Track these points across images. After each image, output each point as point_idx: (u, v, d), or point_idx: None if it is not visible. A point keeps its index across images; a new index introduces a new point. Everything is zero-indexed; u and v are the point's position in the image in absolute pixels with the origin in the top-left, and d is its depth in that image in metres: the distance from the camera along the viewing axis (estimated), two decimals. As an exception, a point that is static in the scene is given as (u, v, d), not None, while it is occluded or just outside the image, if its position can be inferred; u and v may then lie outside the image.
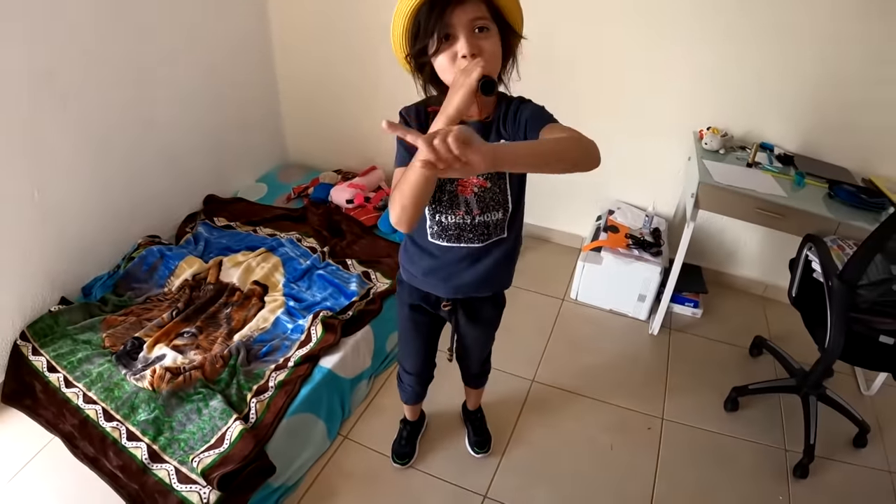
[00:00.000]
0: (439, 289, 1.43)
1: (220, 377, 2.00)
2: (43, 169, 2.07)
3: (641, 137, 2.69)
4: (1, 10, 1.82)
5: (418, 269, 1.41)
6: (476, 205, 1.26)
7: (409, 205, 1.07)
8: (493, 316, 1.59)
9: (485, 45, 1.09)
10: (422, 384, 1.79)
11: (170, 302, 2.32)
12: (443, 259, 1.35)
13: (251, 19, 2.96)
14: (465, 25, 1.07)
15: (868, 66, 2.25)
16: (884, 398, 2.31)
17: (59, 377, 2.00)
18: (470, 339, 1.64)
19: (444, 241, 1.31)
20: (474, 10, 1.08)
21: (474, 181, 1.24)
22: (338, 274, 2.47)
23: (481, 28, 1.09)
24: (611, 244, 2.60)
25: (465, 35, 1.07)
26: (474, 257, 1.34)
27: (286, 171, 3.33)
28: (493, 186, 1.25)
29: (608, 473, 1.96)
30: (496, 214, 1.28)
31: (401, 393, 1.87)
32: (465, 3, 1.07)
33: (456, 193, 1.25)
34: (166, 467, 1.75)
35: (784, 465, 2.02)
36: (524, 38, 1.21)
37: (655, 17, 2.42)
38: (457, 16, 1.07)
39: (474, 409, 2.01)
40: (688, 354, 2.48)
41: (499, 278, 1.42)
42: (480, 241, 1.31)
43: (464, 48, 1.07)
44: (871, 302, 1.86)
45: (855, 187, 2.18)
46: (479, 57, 1.07)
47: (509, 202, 1.28)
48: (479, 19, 1.08)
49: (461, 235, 1.30)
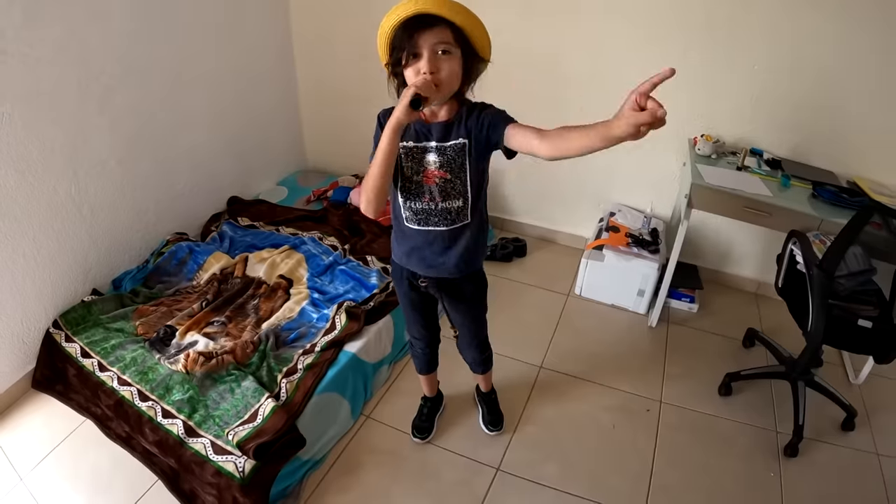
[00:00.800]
0: (419, 267, 1.63)
1: (251, 361, 2.12)
2: (80, 166, 2.23)
3: (640, 145, 2.77)
4: (46, 18, 1.98)
5: (402, 250, 1.62)
6: (438, 193, 1.47)
7: (371, 194, 1.39)
8: (475, 294, 1.74)
9: (443, 65, 1.30)
10: (430, 346, 1.94)
11: (199, 294, 2.46)
12: (417, 241, 1.56)
13: (274, 31, 3.15)
14: (429, 47, 1.28)
15: (855, 75, 2.41)
16: (871, 386, 2.46)
17: (94, 362, 2.12)
18: (457, 319, 1.81)
19: (416, 224, 1.53)
20: (439, 35, 1.28)
21: (437, 173, 1.44)
22: (358, 269, 2.61)
23: (444, 51, 1.30)
24: (612, 243, 2.77)
25: (427, 55, 1.29)
26: (444, 242, 1.55)
27: (305, 176, 3.50)
28: (453, 178, 1.45)
29: (610, 449, 2.11)
30: (457, 202, 1.49)
31: (415, 362, 2.02)
32: (432, 28, 1.27)
33: (421, 183, 1.46)
34: (202, 441, 1.86)
35: (775, 445, 2.15)
36: (489, 62, 1.41)
37: (652, 30, 2.60)
38: (423, 38, 1.28)
39: (487, 391, 2.15)
40: (684, 345, 2.63)
41: (466, 260, 1.59)
42: (445, 224, 1.51)
43: (424, 66, 1.29)
44: (851, 290, 2.03)
45: (837, 188, 2.35)
46: (436, 75, 1.29)
47: (469, 192, 1.48)
48: (441, 43, 1.29)
49: (428, 219, 1.51)
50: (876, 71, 2.38)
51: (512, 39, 2.77)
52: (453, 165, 1.43)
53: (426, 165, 1.44)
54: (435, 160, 1.43)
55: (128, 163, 2.43)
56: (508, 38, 2.76)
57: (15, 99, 1.94)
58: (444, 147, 1.42)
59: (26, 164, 2.02)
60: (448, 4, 1.27)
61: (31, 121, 2.00)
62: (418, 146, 1.44)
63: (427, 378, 2.07)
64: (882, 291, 2.07)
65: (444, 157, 1.43)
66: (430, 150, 1.43)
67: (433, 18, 1.27)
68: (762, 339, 2.52)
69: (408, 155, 1.45)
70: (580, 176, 3.08)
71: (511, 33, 2.77)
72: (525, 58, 2.83)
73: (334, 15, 3.09)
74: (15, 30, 1.89)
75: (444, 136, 1.42)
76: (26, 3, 1.91)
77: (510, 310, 2.74)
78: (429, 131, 1.43)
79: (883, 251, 2.06)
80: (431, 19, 1.27)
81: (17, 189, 2.00)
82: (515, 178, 3.23)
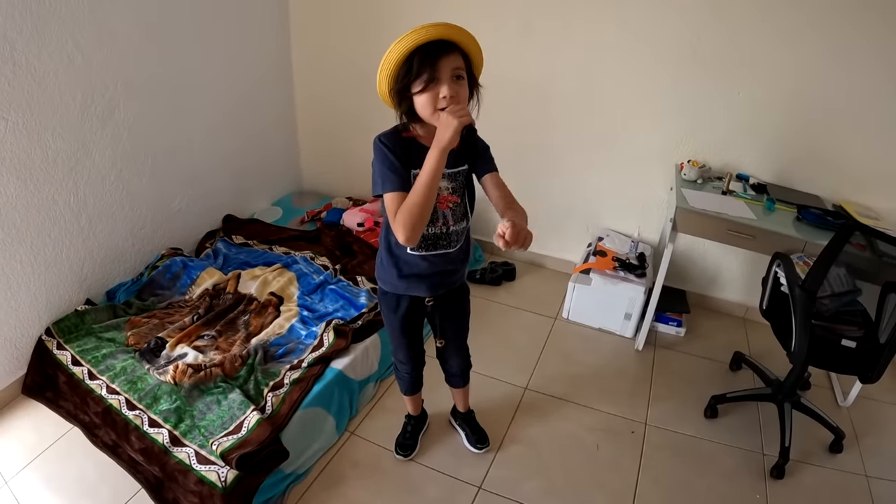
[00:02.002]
0: (422, 290, 1.67)
1: (239, 374, 2.14)
2: (81, 177, 2.28)
3: (628, 171, 2.94)
4: (56, 32, 2.07)
5: (396, 277, 1.63)
6: (451, 217, 1.53)
7: (419, 222, 1.36)
8: (464, 301, 1.82)
9: (460, 90, 1.36)
10: (416, 369, 1.97)
11: (191, 308, 2.49)
12: (423, 267, 1.60)
13: (275, 54, 3.25)
14: (448, 72, 1.33)
15: (840, 101, 2.48)
16: (859, 408, 2.47)
17: (83, 370, 2.14)
18: (451, 329, 1.86)
19: (423, 250, 1.56)
20: (456, 61, 1.35)
21: (449, 198, 1.51)
22: (348, 289, 2.64)
23: (459, 76, 1.36)
24: (599, 266, 2.80)
25: (447, 81, 1.33)
26: (452, 262, 1.61)
27: (300, 197, 3.57)
28: (461, 202, 1.54)
29: (594, 470, 2.10)
30: (462, 224, 1.58)
31: (400, 384, 2.03)
32: (450, 55, 1.33)
33: (436, 209, 1.50)
34: (186, 450, 1.87)
35: (762, 467, 2.15)
36: (481, 85, 1.48)
37: (641, 60, 2.70)
38: (444, 64, 1.33)
39: (466, 411, 2.16)
40: (671, 368, 2.64)
41: (460, 272, 1.71)
42: (452, 246, 1.58)
43: (445, 91, 1.33)
44: (836, 311, 2.06)
45: (822, 211, 2.40)
46: (455, 98, 1.33)
47: (468, 214, 1.59)
48: (458, 69, 1.35)
49: (437, 243, 1.56)
50: (861, 97, 2.46)
51: (506, 67, 2.87)
52: (459, 191, 1.53)
53: (440, 191, 1.49)
54: (447, 186, 1.50)
55: (127, 177, 2.49)
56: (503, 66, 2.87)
57: (21, 108, 2.00)
58: (454, 173, 1.50)
59: (28, 173, 2.07)
60: (463, 32, 1.35)
61: (35, 130, 2.07)
62: None
63: (412, 398, 2.09)
64: (868, 312, 2.11)
65: (454, 183, 1.51)
66: (444, 177, 1.47)
67: (450, 45, 1.34)
68: (749, 362, 2.54)
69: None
70: (569, 201, 3.14)
71: (505, 60, 2.86)
72: (518, 84, 2.92)
73: (334, 39, 3.19)
74: (25, 41, 1.97)
75: (453, 163, 1.48)
76: (37, 16, 1.99)
77: (497, 332, 2.77)
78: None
79: (867, 272, 2.09)
80: (449, 46, 1.34)
81: (17, 196, 2.05)
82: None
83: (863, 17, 2.32)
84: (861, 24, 2.33)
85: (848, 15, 2.34)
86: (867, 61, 2.38)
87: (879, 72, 2.39)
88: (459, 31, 1.34)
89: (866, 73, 2.40)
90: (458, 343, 1.92)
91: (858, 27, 2.34)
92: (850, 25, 2.35)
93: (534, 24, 2.80)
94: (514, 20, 2.82)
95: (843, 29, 2.36)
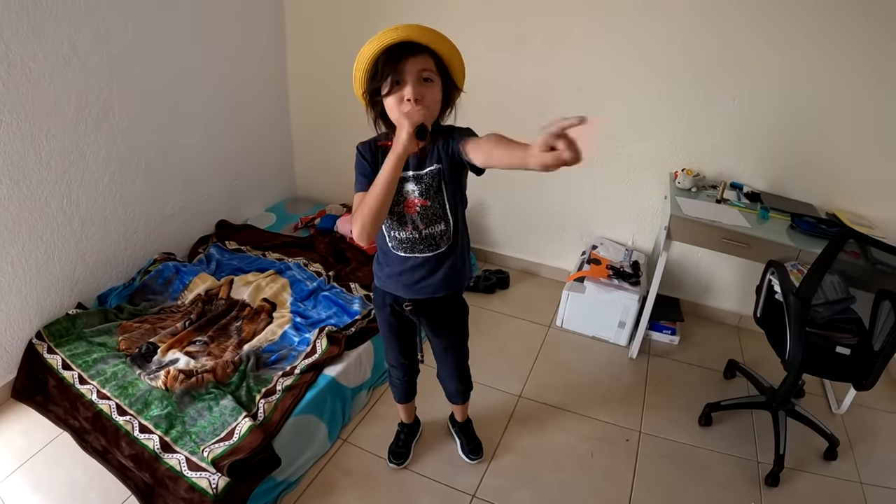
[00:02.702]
0: (401, 290, 1.62)
1: (231, 380, 2.12)
2: (74, 179, 2.27)
3: (622, 180, 2.96)
4: (51, 33, 2.06)
5: (384, 273, 1.62)
6: (420, 221, 1.48)
7: (369, 222, 1.35)
8: (457, 320, 1.76)
9: (427, 92, 1.33)
10: (408, 376, 1.93)
11: (183, 313, 2.47)
12: (403, 266, 1.56)
13: (270, 59, 3.26)
14: (413, 74, 1.31)
15: (834, 110, 2.51)
16: (853, 416, 2.47)
17: (74, 374, 2.12)
18: (439, 346, 1.81)
19: (402, 251, 1.54)
20: (423, 63, 1.31)
21: (416, 202, 1.46)
22: (341, 296, 2.63)
23: (427, 78, 1.33)
24: (593, 275, 2.81)
25: (412, 82, 1.31)
26: (430, 266, 1.55)
27: (294, 204, 3.56)
28: (432, 204, 1.46)
29: (588, 478, 2.09)
30: (439, 227, 1.50)
31: (393, 391, 2.02)
32: (416, 56, 1.30)
33: (403, 213, 1.48)
34: (177, 457, 1.85)
35: (756, 474, 2.14)
36: (463, 91, 1.45)
37: (636, 68, 2.72)
38: (408, 65, 1.30)
39: (464, 421, 2.14)
40: (665, 376, 2.64)
41: (451, 281, 1.60)
42: (431, 250, 1.52)
43: (409, 93, 1.30)
44: (830, 318, 2.07)
45: (815, 219, 2.41)
46: (421, 102, 1.31)
47: (448, 215, 1.49)
48: (425, 70, 1.32)
49: (414, 247, 1.52)
50: (854, 106, 2.48)
51: (501, 76, 2.89)
52: (430, 191, 1.45)
53: (406, 195, 1.46)
54: (413, 189, 1.45)
55: (121, 180, 2.48)
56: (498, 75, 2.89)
57: (15, 109, 1.99)
58: (420, 175, 1.44)
59: (21, 174, 2.06)
60: (431, 33, 1.31)
61: (28, 132, 2.06)
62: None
63: (405, 406, 2.07)
64: (862, 320, 2.12)
65: (421, 185, 1.45)
66: (409, 180, 1.45)
67: (417, 46, 1.30)
68: (743, 370, 2.54)
69: None
70: (563, 209, 3.15)
71: (500, 70, 2.89)
72: (513, 91, 2.94)
73: (330, 45, 3.20)
74: (21, 42, 1.96)
75: (420, 164, 1.44)
76: (34, 17, 1.99)
77: (491, 340, 2.76)
78: (406, 162, 1.43)
79: (861, 280, 2.11)
80: (416, 47, 1.30)
81: (9, 198, 2.04)
82: (499, 211, 3.30)
83: (856, 25, 2.35)
84: (854, 33, 2.37)
85: (841, 24, 2.37)
86: (861, 71, 2.41)
87: (873, 82, 2.41)
88: (426, 31, 1.30)
89: (860, 83, 2.43)
90: (450, 367, 1.88)
91: (851, 36, 2.37)
92: (844, 34, 2.38)
93: (529, 34, 2.82)
94: (510, 30, 2.83)
95: (837, 38, 2.39)
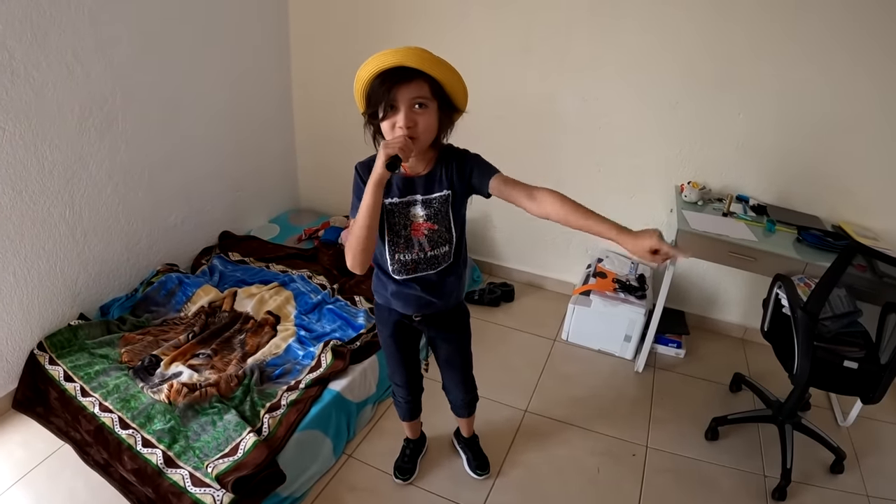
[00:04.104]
0: (408, 308, 1.62)
1: (235, 394, 2.10)
2: (77, 189, 2.26)
3: (628, 193, 2.96)
4: (55, 42, 2.05)
5: (388, 293, 1.61)
6: (427, 244, 1.48)
7: (359, 252, 1.38)
8: (461, 325, 1.75)
9: (420, 119, 1.30)
10: (413, 394, 1.91)
11: (186, 325, 2.45)
12: (405, 287, 1.56)
13: (275, 71, 3.26)
14: (406, 102, 1.28)
15: (839, 123, 2.52)
16: (859, 429, 2.46)
17: (76, 386, 2.10)
18: (446, 353, 1.79)
19: (404, 274, 1.53)
20: (416, 90, 1.28)
21: (424, 225, 1.45)
22: (346, 309, 2.61)
23: (420, 104, 1.29)
24: (599, 288, 2.80)
25: (404, 110, 1.28)
26: (430, 286, 1.55)
27: (297, 215, 3.55)
28: (440, 227, 1.47)
29: (595, 493, 2.07)
30: (443, 248, 1.50)
31: (398, 410, 1.99)
32: (409, 83, 1.27)
33: (410, 237, 1.47)
34: (181, 472, 1.83)
35: (763, 488, 2.13)
36: (465, 112, 1.42)
37: (642, 81, 2.73)
38: (401, 92, 1.27)
39: (470, 436, 2.11)
40: (671, 390, 2.62)
41: (452, 294, 1.61)
42: (433, 269, 1.52)
43: (401, 121, 1.29)
44: (836, 332, 2.06)
45: (822, 232, 2.41)
46: (413, 129, 1.29)
47: (454, 237, 1.50)
48: (418, 98, 1.29)
49: (417, 268, 1.51)
50: (860, 117, 2.49)
51: (505, 89, 2.89)
52: (439, 216, 1.45)
53: (413, 219, 1.45)
54: (422, 213, 1.44)
55: (123, 191, 2.46)
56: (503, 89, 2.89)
57: (18, 118, 1.98)
58: (429, 200, 1.43)
59: (24, 184, 2.04)
60: (427, 58, 1.27)
61: (31, 141, 2.04)
62: (403, 201, 1.44)
63: (409, 424, 2.05)
64: (868, 333, 2.11)
65: (430, 210, 1.44)
66: (416, 204, 1.44)
67: (411, 72, 1.26)
68: (749, 383, 2.53)
69: (394, 211, 1.45)
70: (569, 222, 3.13)
71: (504, 83, 2.89)
72: (517, 101, 2.94)
73: (333, 57, 3.20)
74: (24, 51, 1.95)
75: (429, 188, 1.43)
76: (37, 26, 1.98)
77: (496, 353, 2.74)
78: (413, 185, 1.43)
79: (868, 293, 2.11)
80: (410, 73, 1.26)
81: (12, 207, 2.02)
82: (504, 225, 3.29)
83: (860, 40, 2.37)
84: (859, 47, 2.38)
85: (845, 39, 2.38)
86: (866, 84, 2.43)
87: (878, 94, 2.43)
88: (421, 57, 1.26)
89: (866, 95, 2.44)
90: (456, 375, 1.86)
91: (857, 50, 2.39)
92: (848, 48, 2.39)
93: (534, 47, 2.82)
94: (514, 43, 2.84)
95: (842, 52, 2.41)
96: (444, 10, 2.90)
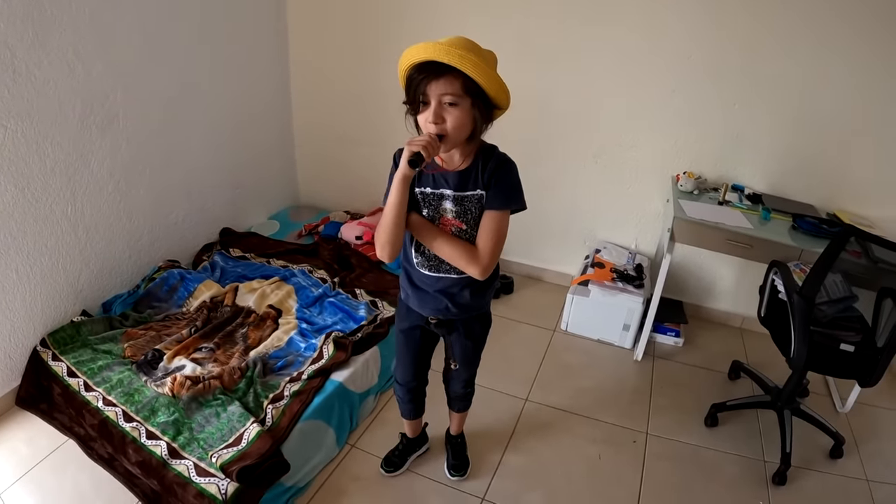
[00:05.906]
0: (429, 311, 1.63)
1: (238, 386, 2.11)
2: (79, 187, 2.27)
3: (625, 183, 2.98)
4: (56, 40, 2.07)
5: (412, 292, 1.62)
6: None
7: (386, 242, 1.42)
8: (481, 333, 1.74)
9: (448, 116, 1.29)
10: (412, 396, 1.92)
11: (188, 320, 2.47)
12: (429, 287, 1.56)
13: (274, 68, 3.27)
14: (436, 97, 1.28)
15: (834, 112, 2.54)
16: (857, 414, 2.49)
17: (79, 381, 2.11)
18: (458, 351, 1.79)
19: (427, 270, 1.54)
20: (447, 87, 1.27)
21: (452, 221, 1.45)
22: (347, 302, 2.63)
23: (451, 102, 1.28)
24: (597, 278, 2.82)
25: (434, 105, 1.28)
26: (453, 290, 1.55)
27: (297, 211, 3.57)
28: (468, 229, 1.45)
29: (597, 480, 2.09)
30: None
31: (399, 407, 2.00)
32: (440, 78, 1.26)
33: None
34: (185, 463, 1.84)
35: (763, 473, 2.15)
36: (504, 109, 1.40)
37: (639, 72, 2.75)
38: (432, 87, 1.27)
39: (455, 434, 2.10)
40: (670, 378, 2.65)
41: (474, 304, 1.61)
42: (456, 273, 1.51)
43: (429, 116, 1.29)
44: (833, 316, 2.08)
45: (817, 219, 2.43)
46: (441, 125, 1.29)
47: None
48: (449, 94, 1.27)
49: (440, 266, 1.52)
50: (854, 106, 2.51)
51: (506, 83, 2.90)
52: (469, 217, 1.44)
53: (442, 213, 1.45)
54: (452, 209, 1.43)
55: (125, 188, 2.48)
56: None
57: (20, 116, 1.99)
58: (461, 197, 1.42)
59: (26, 181, 2.06)
60: (459, 54, 1.23)
61: (33, 139, 2.06)
62: (435, 193, 1.44)
63: (409, 423, 2.05)
64: (865, 318, 2.13)
65: (461, 207, 1.43)
66: (447, 198, 1.43)
67: (443, 67, 1.25)
68: (747, 370, 2.55)
69: (424, 201, 1.45)
70: (566, 214, 3.16)
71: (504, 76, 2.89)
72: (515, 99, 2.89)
73: (333, 55, 3.21)
74: (26, 49, 1.97)
75: (462, 185, 1.41)
76: (38, 24, 1.99)
77: (496, 345, 2.71)
78: (445, 179, 1.42)
79: (863, 279, 2.13)
80: (441, 67, 1.25)
81: (14, 205, 2.04)
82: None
83: (857, 27, 2.39)
84: (855, 36, 2.40)
85: (842, 26, 2.40)
86: (861, 73, 2.45)
87: (873, 83, 2.45)
88: (457, 51, 1.22)
89: (860, 84, 2.47)
90: (464, 371, 1.86)
91: (853, 38, 2.41)
92: (844, 37, 2.41)
93: (531, 41, 2.84)
94: (511, 38, 2.85)
95: (837, 41, 2.43)
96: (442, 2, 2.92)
